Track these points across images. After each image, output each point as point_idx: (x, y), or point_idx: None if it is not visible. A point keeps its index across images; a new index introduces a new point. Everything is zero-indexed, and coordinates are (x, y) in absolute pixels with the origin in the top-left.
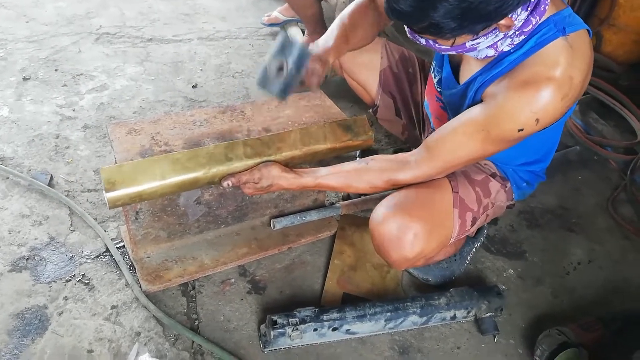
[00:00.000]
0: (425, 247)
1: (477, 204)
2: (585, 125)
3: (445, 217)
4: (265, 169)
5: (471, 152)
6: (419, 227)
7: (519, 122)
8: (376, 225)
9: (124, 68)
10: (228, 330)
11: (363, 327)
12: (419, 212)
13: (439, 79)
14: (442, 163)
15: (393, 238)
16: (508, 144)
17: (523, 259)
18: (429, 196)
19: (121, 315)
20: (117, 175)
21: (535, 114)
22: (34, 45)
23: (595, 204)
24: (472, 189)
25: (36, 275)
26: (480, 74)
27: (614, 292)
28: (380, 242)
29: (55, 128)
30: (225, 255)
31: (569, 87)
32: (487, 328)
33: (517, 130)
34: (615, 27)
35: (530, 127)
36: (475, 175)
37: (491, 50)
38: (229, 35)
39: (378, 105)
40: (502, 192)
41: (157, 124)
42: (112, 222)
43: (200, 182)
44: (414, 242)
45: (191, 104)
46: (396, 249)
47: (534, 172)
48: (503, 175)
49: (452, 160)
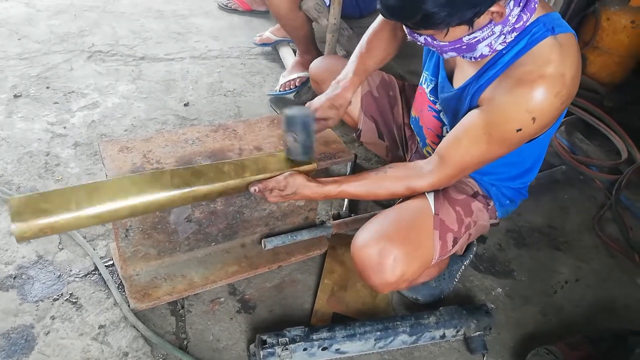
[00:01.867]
0: (406, 271)
1: (457, 224)
2: (571, 145)
3: (426, 239)
4: (290, 178)
5: (479, 156)
6: (399, 251)
7: (516, 121)
8: (357, 250)
9: (115, 86)
10: (217, 350)
11: (353, 346)
12: (399, 236)
13: (433, 87)
14: (454, 169)
15: (373, 263)
16: (512, 144)
17: (511, 277)
18: (410, 219)
19: (109, 335)
20: (27, 206)
21: (530, 113)
22: (26, 62)
23: (582, 222)
24: (453, 209)
25: (23, 294)
26: (476, 78)
27: (600, 311)
28: (362, 267)
29: (45, 145)
30: (215, 273)
31: (562, 84)
32: (476, 347)
33: (516, 131)
34: (599, 50)
35: (528, 127)
36: (456, 195)
37: (486, 49)
38: (221, 54)
39: (361, 129)
40: (484, 211)
41: (149, 141)
42: (101, 240)
43: (122, 212)
44: (394, 266)
45: (183, 122)
46: (377, 273)
47: (517, 190)
48: (486, 194)
49: (462, 166)
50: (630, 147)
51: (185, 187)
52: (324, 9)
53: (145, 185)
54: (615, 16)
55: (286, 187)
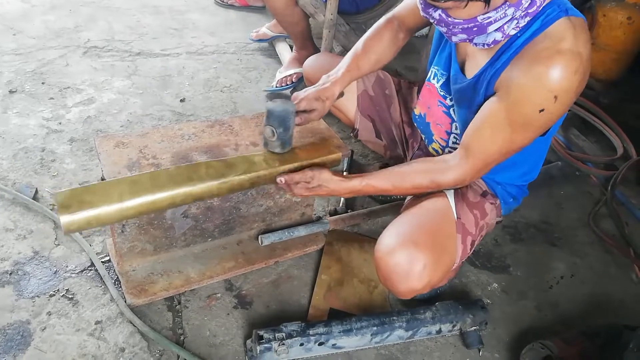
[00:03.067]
0: (432, 277)
1: (475, 227)
2: (567, 142)
3: (449, 244)
4: (317, 171)
5: (503, 145)
6: (427, 258)
7: (537, 102)
8: (383, 256)
9: (111, 82)
10: (214, 346)
11: (349, 341)
12: (425, 242)
13: (444, 81)
14: (479, 162)
15: (401, 271)
16: (535, 130)
17: (507, 273)
18: (433, 223)
19: (105, 331)
20: (72, 199)
21: (551, 92)
22: (21, 58)
23: (577, 218)
24: (471, 212)
25: (19, 290)
26: (490, 64)
27: (596, 306)
28: (387, 275)
29: (41, 141)
30: (212, 269)
31: (579, 62)
32: (472, 342)
33: (539, 112)
34: (595, 46)
35: (550, 106)
36: (472, 198)
37: (499, 34)
38: (217, 50)
39: (358, 128)
40: (494, 211)
41: (145, 137)
42: (98, 236)
43: (160, 203)
44: (423, 273)
45: (179, 117)
46: (404, 281)
47: (520, 187)
48: (493, 193)
49: (488, 158)
50: (626, 143)
51: (220, 178)
52: (321, 4)
53: (182, 177)
54: (612, 12)
55: (312, 180)
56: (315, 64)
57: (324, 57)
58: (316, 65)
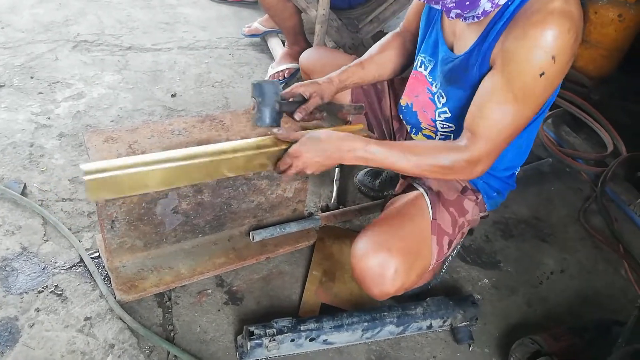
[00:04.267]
0: (405, 281)
1: (452, 227)
2: (558, 138)
3: (424, 247)
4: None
5: (510, 120)
6: (399, 262)
7: (537, 66)
8: (357, 260)
9: (101, 76)
10: (204, 342)
11: (340, 337)
12: (398, 246)
13: (432, 67)
14: (488, 142)
15: (374, 275)
16: (539, 98)
17: (497, 268)
18: (408, 227)
19: (95, 327)
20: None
21: (548, 52)
22: (9, 52)
23: (567, 214)
24: (447, 211)
25: (7, 286)
26: (482, 39)
27: (585, 301)
28: (362, 278)
29: (29, 136)
30: (202, 264)
31: (571, 21)
32: (462, 337)
33: (539, 76)
34: (587, 43)
35: (550, 68)
36: (449, 195)
37: (488, 4)
38: (209, 45)
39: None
40: (474, 207)
41: (135, 132)
42: (87, 232)
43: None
44: (395, 277)
45: (170, 113)
46: (377, 285)
47: (504, 180)
48: (474, 188)
49: (496, 137)
50: (616, 140)
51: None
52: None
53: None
54: (603, 10)
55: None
56: (311, 57)
57: (320, 50)
58: (313, 58)
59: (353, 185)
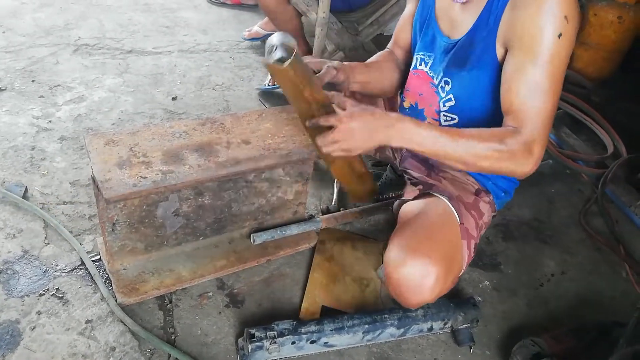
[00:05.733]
0: (443, 289)
1: (476, 230)
2: (558, 140)
3: (457, 252)
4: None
5: (547, 92)
6: (439, 269)
7: (553, 28)
8: (393, 270)
9: (102, 79)
10: (205, 344)
11: (341, 339)
12: (436, 253)
13: (432, 62)
14: (536, 121)
15: (413, 285)
16: (563, 59)
17: (498, 270)
18: (440, 232)
19: (96, 330)
20: None
21: (559, 12)
22: (11, 55)
23: (568, 216)
24: (470, 215)
25: (8, 290)
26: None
27: (586, 303)
28: (398, 288)
29: (31, 139)
30: (203, 267)
31: None
32: (463, 339)
33: (558, 37)
34: (587, 45)
35: (566, 28)
36: (467, 198)
37: None
38: (209, 48)
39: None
40: (489, 209)
41: (136, 135)
42: (88, 234)
43: None
44: (435, 285)
45: (171, 116)
46: (416, 294)
47: (510, 179)
48: (485, 189)
49: (542, 114)
50: (616, 141)
51: None
52: (313, 2)
53: None
54: (602, 12)
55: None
56: None
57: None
58: None
59: None
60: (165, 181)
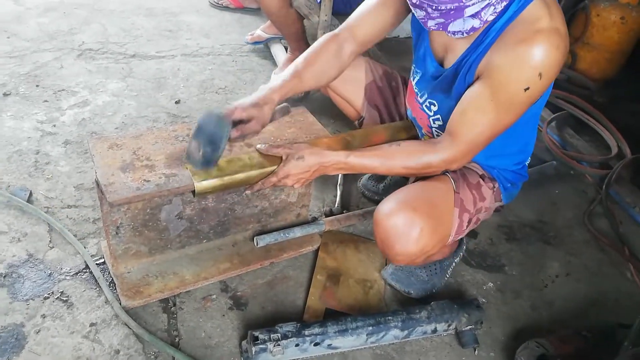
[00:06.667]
0: (427, 243)
1: (473, 206)
2: (562, 141)
3: (447, 216)
4: (294, 146)
5: (488, 126)
6: (424, 223)
7: (523, 80)
8: (382, 218)
9: (106, 84)
10: (209, 347)
11: (345, 341)
12: (424, 209)
13: (419, 78)
14: (465, 145)
15: (399, 232)
16: (520, 107)
17: (502, 272)
18: (433, 193)
19: (100, 333)
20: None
21: (536, 69)
22: (15, 60)
23: (572, 217)
24: (469, 191)
25: (13, 293)
26: (471, 50)
27: (590, 305)
28: (385, 236)
29: (35, 144)
30: (207, 270)
31: (559, 38)
32: (467, 341)
33: (524, 90)
34: (589, 46)
35: (535, 84)
36: (470, 178)
37: (476, 21)
38: (212, 52)
39: (364, 117)
40: (492, 195)
41: (139, 139)
42: (92, 238)
43: None
44: (419, 237)
45: (174, 119)
46: (401, 242)
47: (516, 172)
48: (490, 176)
49: (474, 140)
50: (620, 142)
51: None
52: (315, 5)
53: None
54: (605, 12)
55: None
56: None
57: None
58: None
59: (357, 190)
60: (169, 184)
